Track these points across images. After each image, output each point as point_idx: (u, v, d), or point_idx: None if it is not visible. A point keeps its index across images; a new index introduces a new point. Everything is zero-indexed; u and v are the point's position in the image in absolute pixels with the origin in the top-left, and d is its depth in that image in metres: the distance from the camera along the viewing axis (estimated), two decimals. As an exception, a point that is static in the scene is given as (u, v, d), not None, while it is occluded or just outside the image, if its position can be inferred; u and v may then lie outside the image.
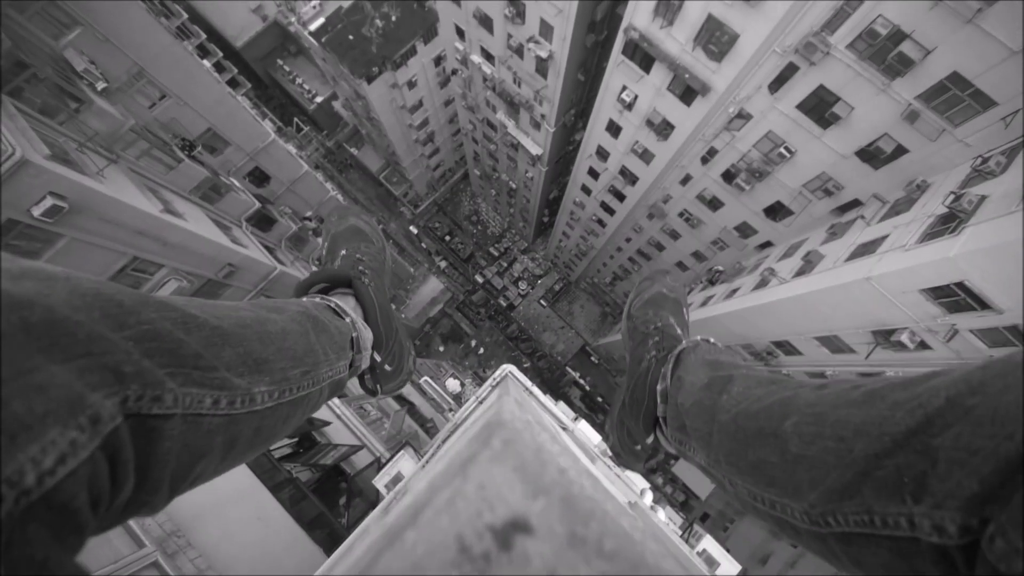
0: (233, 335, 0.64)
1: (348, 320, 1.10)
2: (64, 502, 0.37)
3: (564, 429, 5.77)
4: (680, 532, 4.70)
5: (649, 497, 4.32)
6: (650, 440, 1.19)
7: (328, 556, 6.02)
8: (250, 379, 0.64)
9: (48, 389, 0.36)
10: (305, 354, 0.83)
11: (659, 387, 1.15)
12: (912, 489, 0.44)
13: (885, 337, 11.82)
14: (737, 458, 0.74)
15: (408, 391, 16.27)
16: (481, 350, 39.14)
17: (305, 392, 0.82)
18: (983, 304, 9.28)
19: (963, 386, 0.44)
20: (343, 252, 1.39)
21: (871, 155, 12.13)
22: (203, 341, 0.58)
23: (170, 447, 0.50)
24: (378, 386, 1.31)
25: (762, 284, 15.09)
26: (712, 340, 1.21)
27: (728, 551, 4.69)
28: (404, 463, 5.81)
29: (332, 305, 1.10)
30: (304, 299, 1.10)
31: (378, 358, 1.24)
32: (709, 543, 4.45)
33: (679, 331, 1.35)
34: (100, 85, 11.55)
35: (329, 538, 6.77)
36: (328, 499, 8.17)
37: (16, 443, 0.33)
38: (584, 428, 6.50)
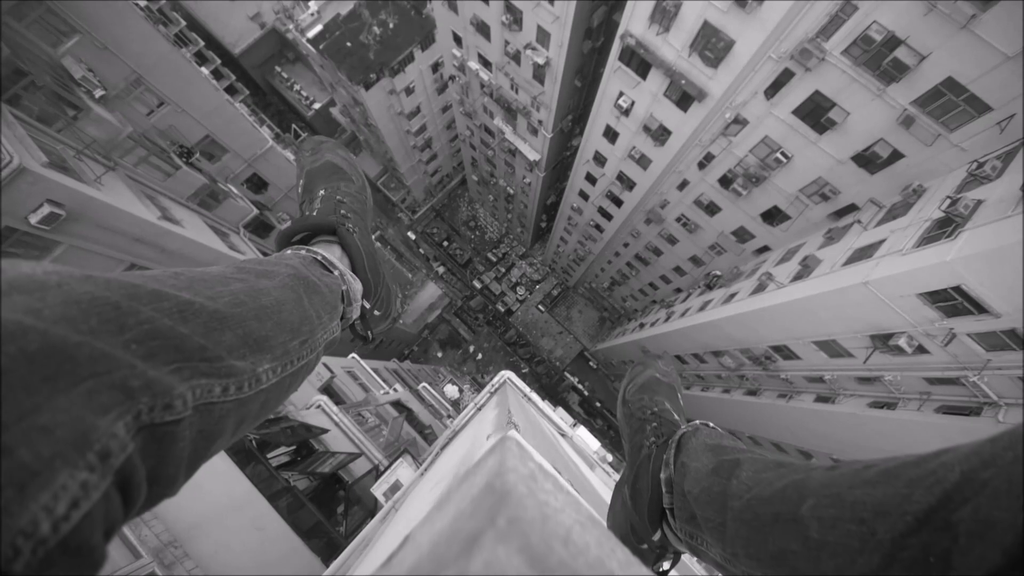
0: (230, 317, 0.63)
1: (337, 274, 1.08)
2: (80, 543, 0.36)
3: (563, 436, 5.74)
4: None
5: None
6: (657, 536, 1.13)
7: (326, 565, 5.97)
8: (253, 360, 0.65)
9: (54, 429, 0.35)
10: (301, 323, 0.82)
11: (663, 475, 1.11)
12: (939, 568, 0.44)
13: (883, 341, 11.84)
14: (757, 549, 0.72)
15: (406, 397, 16.22)
16: (479, 356, 39.09)
17: (305, 360, 0.82)
18: (980, 308, 9.30)
19: (975, 460, 0.45)
20: (322, 192, 1.31)
21: (867, 160, 12.20)
22: (203, 328, 0.57)
23: (184, 446, 0.51)
24: (369, 331, 1.29)
25: (760, 289, 15.12)
26: (711, 424, 1.18)
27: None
28: (402, 471, 5.77)
29: (319, 259, 1.07)
30: (289, 252, 1.07)
31: (367, 305, 1.22)
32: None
33: (676, 416, 1.33)
34: (98, 92, 11.57)
35: (327, 547, 6.71)
36: (326, 508, 8.12)
37: (26, 493, 0.32)
38: (583, 434, 6.47)
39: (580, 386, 38.62)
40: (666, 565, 1.18)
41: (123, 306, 0.48)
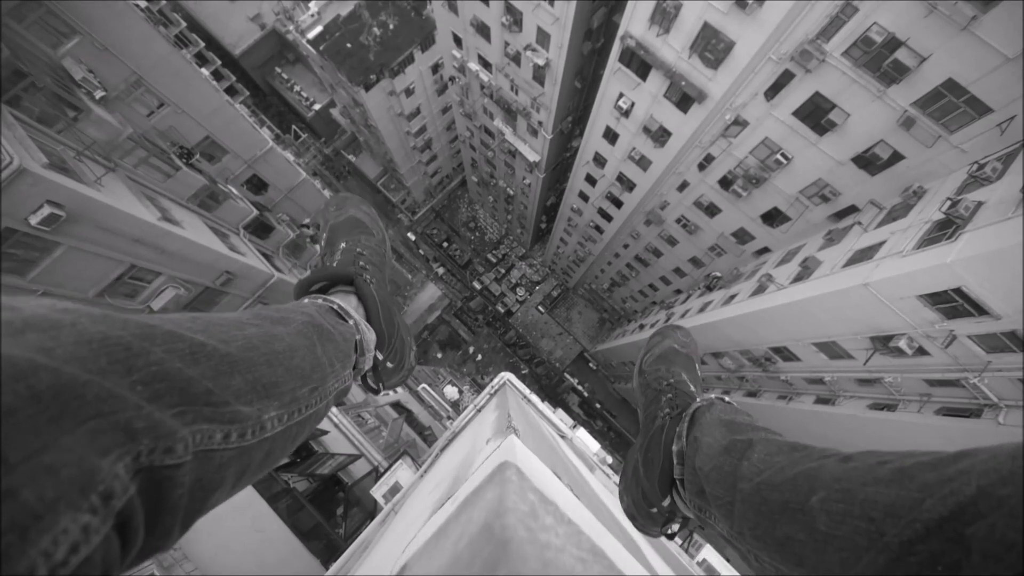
0: (241, 361, 0.64)
1: (352, 323, 1.09)
2: None
3: (563, 437, 5.73)
4: (680, 542, 4.67)
5: (649, 507, 4.31)
6: (666, 503, 1.15)
7: (326, 567, 5.96)
8: (260, 406, 0.64)
9: (59, 469, 0.35)
10: (313, 370, 0.82)
11: (675, 447, 1.13)
12: None
13: (883, 343, 11.83)
14: (763, 532, 0.72)
15: (406, 399, 16.19)
16: (479, 357, 39.06)
17: (313, 410, 0.82)
18: (981, 310, 9.29)
19: (994, 476, 0.45)
20: (343, 245, 1.37)
21: (867, 161, 12.20)
22: (212, 372, 0.57)
23: (182, 493, 0.50)
24: (380, 384, 1.30)
25: (760, 290, 15.11)
26: (727, 399, 1.18)
27: (728, 560, 4.66)
28: (402, 472, 5.76)
29: (335, 307, 1.09)
30: (306, 301, 1.09)
31: (380, 357, 1.23)
32: (709, 553, 4.42)
33: (692, 388, 1.33)
34: (98, 94, 11.57)
35: (327, 548, 6.70)
36: (325, 509, 8.11)
37: (27, 538, 0.31)
38: (583, 436, 6.46)
39: (580, 387, 38.60)
40: (675, 527, 1.21)
41: (134, 347, 0.49)
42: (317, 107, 38.94)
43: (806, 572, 0.63)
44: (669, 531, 1.21)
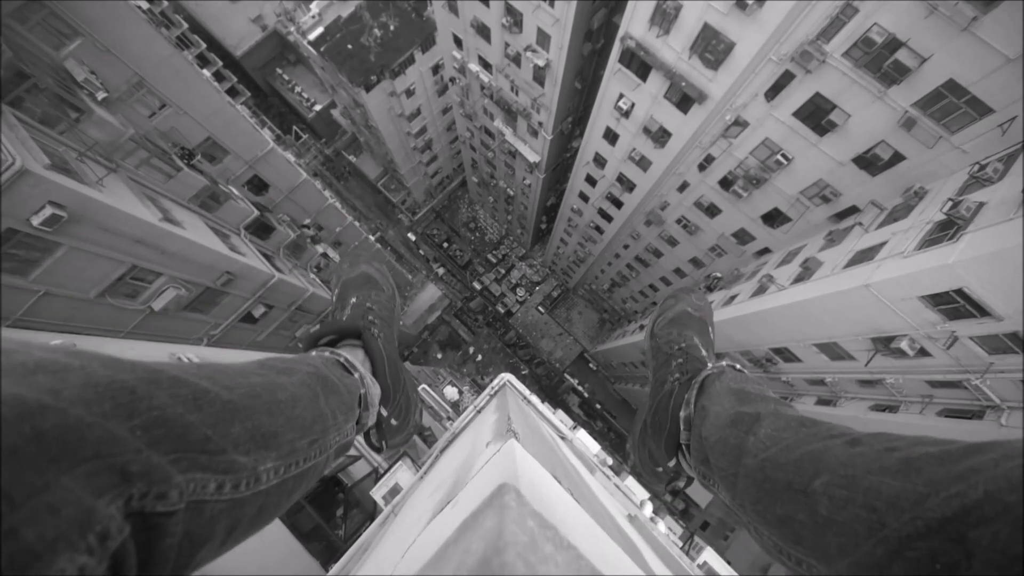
0: (243, 409, 0.64)
1: (357, 376, 1.10)
2: None
3: (563, 439, 5.72)
4: (681, 544, 4.65)
5: (649, 508, 4.27)
6: (672, 463, 1.18)
7: (325, 569, 5.96)
8: (257, 456, 0.64)
9: (60, 509, 0.36)
10: (314, 421, 0.82)
11: (682, 413, 1.13)
12: (944, 575, 0.44)
13: (885, 344, 11.81)
14: (764, 508, 0.74)
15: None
16: (479, 357, 39.05)
17: (312, 463, 0.80)
18: (982, 311, 9.27)
19: (1003, 482, 0.44)
20: (353, 300, 1.40)
21: (868, 162, 12.19)
22: (212, 418, 0.57)
23: (171, 543, 0.50)
24: (383, 442, 1.29)
25: (760, 291, 15.09)
26: (738, 367, 1.19)
27: (729, 562, 4.64)
28: (402, 474, 5.75)
29: (342, 360, 1.10)
30: (314, 354, 1.10)
31: (384, 413, 1.23)
32: (710, 555, 4.40)
33: (704, 352, 1.32)
34: (100, 95, 11.58)
35: (326, 550, 6.69)
36: (325, 510, 8.09)
37: None
38: (583, 437, 6.45)
39: (580, 388, 38.58)
40: (680, 484, 1.23)
41: (139, 391, 0.50)
42: (318, 108, 38.98)
43: (803, 551, 0.64)
44: (674, 488, 1.24)
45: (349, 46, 25.58)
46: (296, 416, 0.77)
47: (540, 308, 40.87)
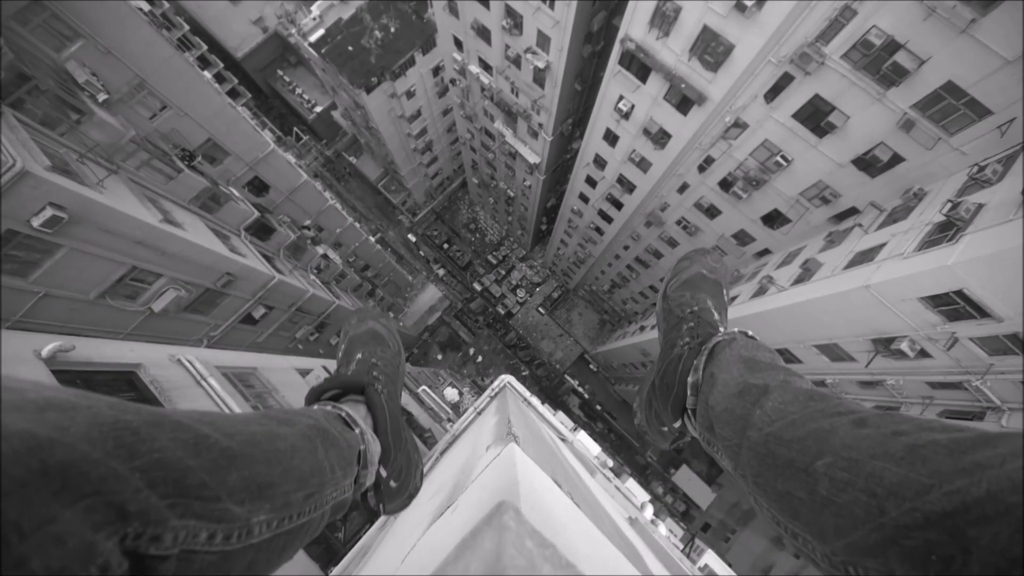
0: (241, 456, 0.64)
1: (357, 432, 1.09)
2: None
3: (563, 440, 5.73)
4: (682, 547, 4.65)
5: (650, 511, 4.27)
6: (677, 424, 1.19)
7: (324, 571, 5.95)
8: (251, 507, 0.63)
9: (66, 540, 0.37)
10: (312, 474, 0.81)
11: (690, 379, 1.13)
12: (938, 568, 0.45)
13: (885, 345, 11.81)
14: (764, 482, 0.74)
15: (406, 401, 16.18)
16: (479, 358, 39.03)
17: (306, 519, 0.78)
18: (982, 312, 9.28)
19: (1007, 482, 0.44)
20: (359, 356, 1.40)
21: (868, 163, 12.20)
22: (210, 464, 0.58)
23: None
24: (381, 505, 1.24)
25: (760, 292, 15.10)
26: (750, 333, 1.17)
27: (730, 565, 4.64)
28: (402, 476, 5.74)
29: (343, 415, 1.09)
30: (316, 407, 1.10)
31: (384, 473, 1.20)
32: (711, 558, 4.39)
33: (716, 316, 1.30)
34: (101, 96, 11.60)
35: (326, 552, 6.69)
36: (326, 511, 8.08)
37: None
38: (583, 439, 6.46)
39: (580, 389, 38.55)
40: (684, 442, 1.26)
41: (142, 432, 0.51)
42: (318, 109, 39.04)
43: (800, 526, 0.65)
44: (679, 446, 1.25)
45: (350, 48, 25.62)
46: (294, 467, 0.76)
47: (540, 309, 40.87)
